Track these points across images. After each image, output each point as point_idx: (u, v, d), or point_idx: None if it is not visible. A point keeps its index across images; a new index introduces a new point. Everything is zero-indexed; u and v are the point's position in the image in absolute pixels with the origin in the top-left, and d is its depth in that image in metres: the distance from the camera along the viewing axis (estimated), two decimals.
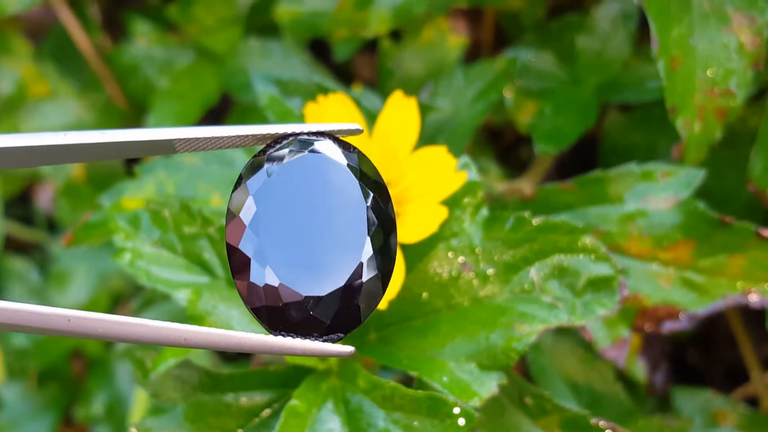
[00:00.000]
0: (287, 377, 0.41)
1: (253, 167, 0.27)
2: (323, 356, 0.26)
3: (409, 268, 0.40)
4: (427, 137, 0.50)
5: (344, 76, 0.66)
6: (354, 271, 0.26)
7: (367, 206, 0.26)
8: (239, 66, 0.64)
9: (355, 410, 0.38)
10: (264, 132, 0.27)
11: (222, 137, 0.27)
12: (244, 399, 0.41)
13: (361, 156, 0.28)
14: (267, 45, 0.64)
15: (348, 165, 0.27)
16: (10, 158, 0.27)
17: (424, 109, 0.48)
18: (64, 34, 0.68)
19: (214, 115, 0.68)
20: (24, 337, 0.67)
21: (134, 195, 0.48)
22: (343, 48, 0.59)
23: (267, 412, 0.41)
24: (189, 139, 0.27)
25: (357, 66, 0.68)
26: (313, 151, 0.27)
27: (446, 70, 0.57)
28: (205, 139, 0.27)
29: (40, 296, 0.68)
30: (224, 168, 0.49)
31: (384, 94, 0.55)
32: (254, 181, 0.26)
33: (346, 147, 0.27)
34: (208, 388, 0.41)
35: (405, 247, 0.40)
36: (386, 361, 0.40)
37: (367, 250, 0.26)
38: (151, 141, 0.27)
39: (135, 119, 0.69)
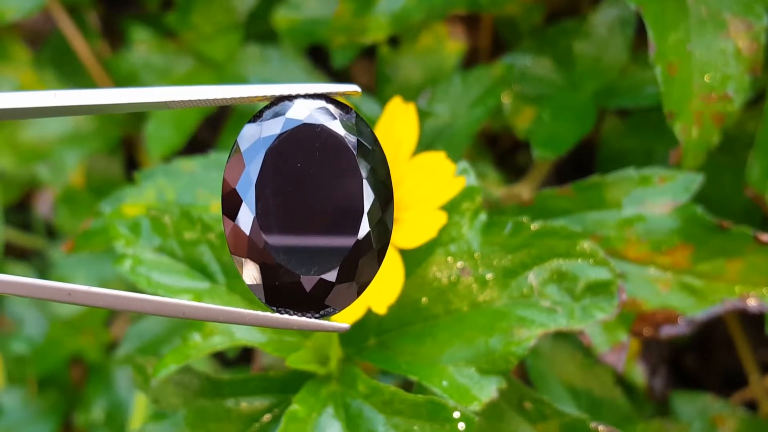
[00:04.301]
0: (287, 382, 0.41)
1: (249, 135, 0.27)
2: (319, 331, 0.27)
3: (408, 274, 0.40)
4: (425, 143, 0.50)
5: (342, 82, 0.66)
6: (351, 248, 0.26)
7: (364, 178, 0.26)
8: (238, 73, 0.64)
9: (355, 415, 0.38)
10: (262, 93, 0.27)
11: (217, 99, 0.27)
12: (245, 404, 0.41)
13: (359, 118, 0.27)
14: (265, 52, 0.64)
15: (346, 137, 0.26)
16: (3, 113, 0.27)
17: (423, 115, 0.48)
18: (63, 41, 0.68)
19: (212, 122, 0.68)
20: (24, 343, 0.67)
21: (134, 201, 0.48)
22: (342, 54, 0.59)
23: (267, 417, 0.41)
24: (184, 101, 0.27)
25: (355, 72, 0.68)
26: (310, 119, 0.26)
27: (444, 76, 0.58)
28: (201, 100, 0.27)
29: (39, 302, 0.68)
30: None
31: (382, 100, 0.55)
32: (250, 153, 0.26)
33: (344, 108, 0.27)
34: (208, 393, 0.41)
35: (404, 253, 0.40)
36: (386, 366, 0.40)
37: (364, 227, 0.26)
38: (145, 103, 0.27)
39: (133, 126, 0.69)
